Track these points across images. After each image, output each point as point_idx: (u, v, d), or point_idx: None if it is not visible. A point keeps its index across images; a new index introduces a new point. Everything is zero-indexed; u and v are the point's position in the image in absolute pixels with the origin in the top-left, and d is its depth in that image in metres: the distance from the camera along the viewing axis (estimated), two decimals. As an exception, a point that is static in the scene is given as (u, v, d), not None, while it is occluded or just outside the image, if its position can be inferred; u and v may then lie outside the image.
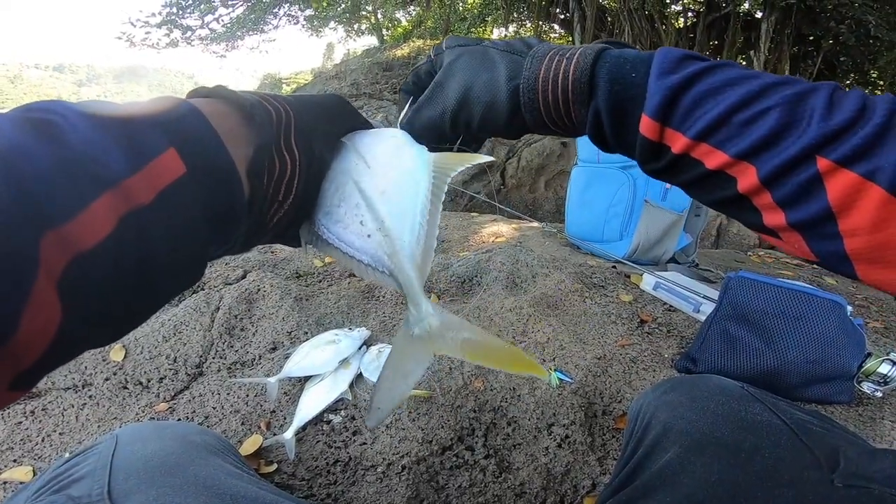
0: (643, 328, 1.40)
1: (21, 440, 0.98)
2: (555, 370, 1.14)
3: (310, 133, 0.41)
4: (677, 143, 0.39)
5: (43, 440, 0.99)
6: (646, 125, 0.40)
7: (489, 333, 0.41)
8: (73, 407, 1.06)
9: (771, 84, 0.36)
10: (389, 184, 0.44)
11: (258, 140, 0.36)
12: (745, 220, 0.41)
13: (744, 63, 7.22)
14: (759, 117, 0.36)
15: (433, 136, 0.49)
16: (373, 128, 0.50)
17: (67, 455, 0.57)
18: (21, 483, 0.88)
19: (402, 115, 0.51)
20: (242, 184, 0.35)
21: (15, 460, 0.94)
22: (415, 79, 0.54)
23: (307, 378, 1.10)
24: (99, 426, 1.02)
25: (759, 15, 6.74)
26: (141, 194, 0.27)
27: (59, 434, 1.00)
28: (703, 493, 0.49)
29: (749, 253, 2.80)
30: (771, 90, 0.36)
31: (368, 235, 0.42)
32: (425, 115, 0.48)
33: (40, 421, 1.02)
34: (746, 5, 6.85)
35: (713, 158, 0.38)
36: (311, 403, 1.02)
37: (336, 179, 0.45)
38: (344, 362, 1.11)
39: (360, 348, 1.19)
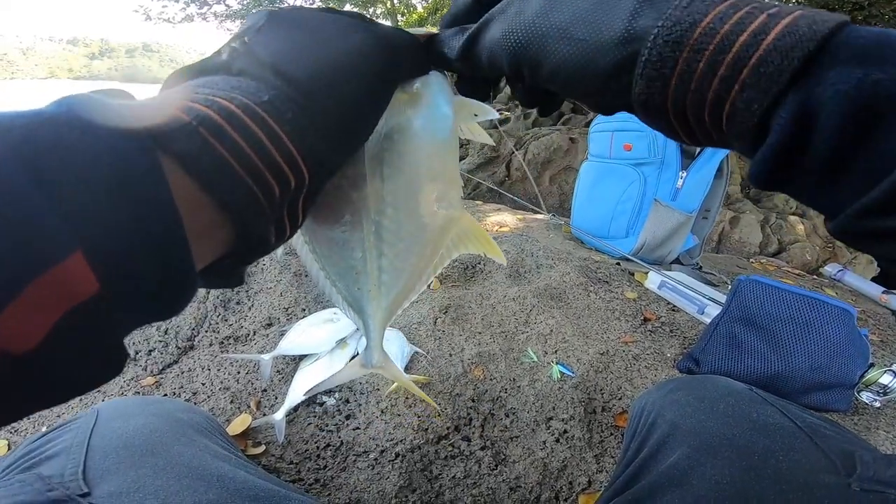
0: (646, 326, 1.37)
1: None
2: (556, 363, 1.11)
3: (329, 169, 0.30)
4: None
5: (22, 411, 0.95)
6: None
7: (406, 378, 0.49)
8: (57, 376, 1.03)
9: None
10: (405, 235, 0.37)
11: (243, 239, 0.25)
12: None
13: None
14: None
15: (479, 68, 0.34)
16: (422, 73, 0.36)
17: (45, 430, 0.54)
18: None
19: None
20: (197, 279, 0.23)
21: (-10, 433, 0.91)
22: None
23: (302, 357, 1.07)
24: (81, 400, 0.99)
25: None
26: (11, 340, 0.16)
27: (40, 405, 0.97)
28: (714, 496, 0.46)
29: (751, 260, 2.78)
30: None
31: (357, 273, 0.38)
32: (487, 36, 0.32)
33: (22, 389, 0.99)
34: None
35: None
36: (304, 384, 0.99)
37: (340, 193, 0.35)
38: (341, 342, 1.08)
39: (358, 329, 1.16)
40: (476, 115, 0.38)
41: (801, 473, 0.46)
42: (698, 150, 1.85)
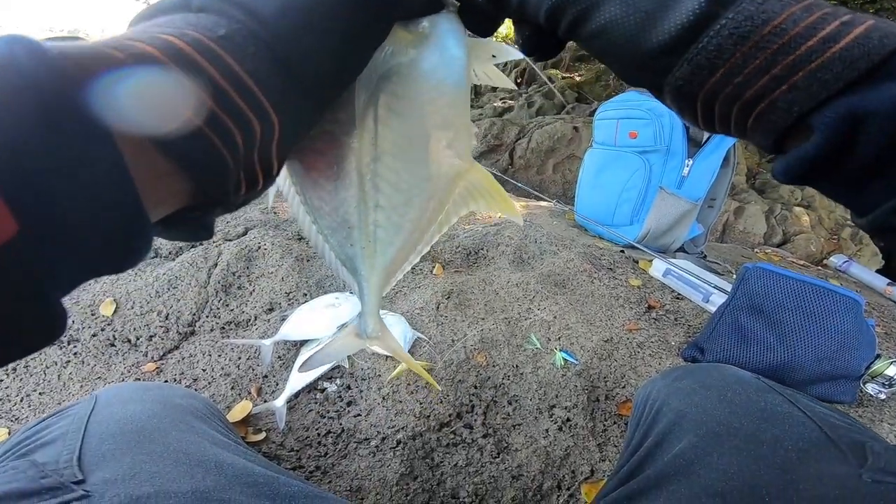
0: (651, 314, 1.36)
1: (0, 399, 0.95)
2: (560, 350, 1.10)
3: (305, 124, 0.27)
4: None
5: (22, 400, 0.95)
6: None
7: (404, 351, 0.47)
8: (55, 364, 1.02)
9: None
10: (405, 187, 0.33)
11: (203, 192, 0.23)
12: None
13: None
14: None
15: (504, 8, 0.31)
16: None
17: (44, 416, 0.54)
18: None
19: None
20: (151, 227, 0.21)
21: (-8, 422, 0.90)
22: None
23: (303, 342, 1.07)
24: (81, 386, 0.98)
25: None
26: None
27: (39, 394, 0.97)
28: (722, 485, 0.45)
29: (756, 250, 2.77)
30: None
31: (350, 227, 0.34)
32: None
33: (21, 379, 0.98)
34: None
35: None
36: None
37: (334, 137, 0.31)
38: (343, 328, 1.07)
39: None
40: (494, 56, 0.35)
41: (811, 463, 0.44)
42: (705, 138, 1.83)
